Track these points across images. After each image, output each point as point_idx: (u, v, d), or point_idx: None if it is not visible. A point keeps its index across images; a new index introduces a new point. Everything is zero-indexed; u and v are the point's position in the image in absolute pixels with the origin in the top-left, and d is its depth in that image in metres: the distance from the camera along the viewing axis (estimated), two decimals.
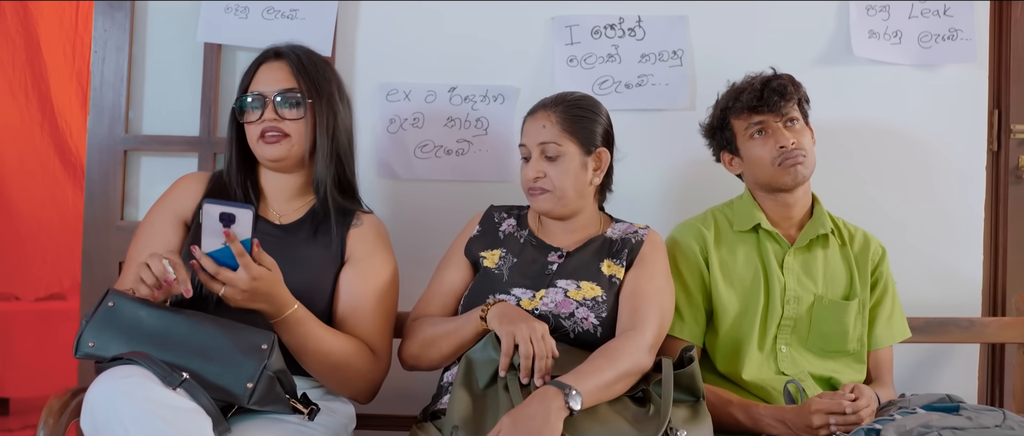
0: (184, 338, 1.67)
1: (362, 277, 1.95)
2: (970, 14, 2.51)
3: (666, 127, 2.47)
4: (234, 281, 1.71)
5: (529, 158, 2.02)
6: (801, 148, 2.08)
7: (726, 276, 2.12)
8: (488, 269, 2.00)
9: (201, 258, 1.71)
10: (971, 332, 2.37)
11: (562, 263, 2.00)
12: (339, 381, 1.89)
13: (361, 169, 2.41)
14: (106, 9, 2.45)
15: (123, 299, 1.71)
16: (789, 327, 2.11)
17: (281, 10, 2.43)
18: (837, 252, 2.17)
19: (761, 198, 2.16)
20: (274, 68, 1.96)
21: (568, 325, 1.91)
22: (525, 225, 2.08)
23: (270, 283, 1.74)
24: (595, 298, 1.94)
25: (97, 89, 2.46)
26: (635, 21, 2.47)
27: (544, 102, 2.05)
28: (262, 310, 1.77)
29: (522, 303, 1.92)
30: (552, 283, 1.96)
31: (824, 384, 2.10)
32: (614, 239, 2.05)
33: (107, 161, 2.45)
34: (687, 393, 1.86)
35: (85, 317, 1.69)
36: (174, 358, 1.64)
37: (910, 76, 2.51)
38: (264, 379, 1.66)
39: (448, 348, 1.90)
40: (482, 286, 1.98)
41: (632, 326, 1.89)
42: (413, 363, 1.98)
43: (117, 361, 1.63)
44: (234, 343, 1.68)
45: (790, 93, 2.10)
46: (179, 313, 1.72)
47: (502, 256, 2.02)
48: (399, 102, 2.46)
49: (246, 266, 1.71)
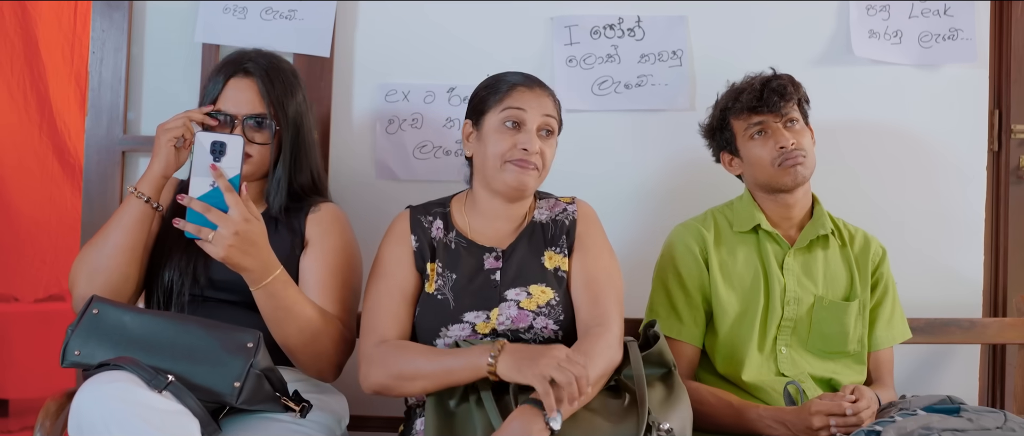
0: (169, 340, 1.67)
1: (321, 254, 1.95)
2: (970, 14, 2.51)
3: (665, 127, 2.47)
4: (225, 221, 1.68)
5: (519, 127, 1.89)
6: (801, 149, 2.07)
7: (726, 277, 2.11)
8: (430, 296, 1.88)
9: (190, 201, 1.69)
10: (972, 333, 2.37)
11: (503, 268, 1.90)
12: (314, 353, 1.85)
13: (360, 170, 2.44)
14: (104, 9, 2.44)
15: (107, 306, 1.72)
16: (789, 328, 2.10)
17: (279, 10, 2.42)
18: (837, 253, 2.16)
19: (761, 199, 2.15)
20: (243, 87, 1.96)
21: (528, 338, 1.86)
22: (451, 225, 1.95)
23: (260, 232, 1.73)
24: (549, 303, 1.87)
25: (95, 90, 2.45)
26: (634, 21, 2.47)
27: (532, 79, 1.96)
28: (250, 268, 1.73)
29: (478, 327, 1.85)
30: (502, 297, 1.87)
31: (824, 385, 2.10)
32: (544, 223, 1.95)
33: (105, 162, 2.44)
34: (657, 366, 1.84)
35: (70, 325, 1.70)
36: (160, 361, 1.64)
37: (910, 76, 2.51)
38: (251, 378, 1.66)
39: (433, 387, 1.75)
40: (431, 316, 1.87)
41: (596, 321, 1.83)
42: (382, 392, 1.81)
43: (103, 367, 1.63)
44: (219, 343, 1.68)
45: (790, 93, 2.09)
46: (164, 316, 1.73)
47: (439, 274, 1.90)
48: (398, 103, 2.46)
49: (235, 204, 1.69)
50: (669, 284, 2.13)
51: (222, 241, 1.69)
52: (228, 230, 1.68)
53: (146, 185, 1.86)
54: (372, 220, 2.41)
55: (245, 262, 1.72)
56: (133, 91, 2.46)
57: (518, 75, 1.97)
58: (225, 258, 1.70)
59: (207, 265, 1.91)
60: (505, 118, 1.89)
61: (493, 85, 1.96)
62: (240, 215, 1.69)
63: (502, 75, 1.99)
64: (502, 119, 1.90)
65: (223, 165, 1.71)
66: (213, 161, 1.71)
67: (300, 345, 1.83)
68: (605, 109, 2.45)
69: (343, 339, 1.91)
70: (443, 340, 1.86)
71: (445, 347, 1.84)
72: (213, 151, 1.71)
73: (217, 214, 1.69)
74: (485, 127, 1.92)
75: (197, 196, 1.70)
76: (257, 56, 2.01)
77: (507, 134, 1.89)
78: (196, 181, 1.71)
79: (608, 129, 2.44)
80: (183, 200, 1.70)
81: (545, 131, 1.92)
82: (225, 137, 1.72)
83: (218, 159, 1.71)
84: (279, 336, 1.82)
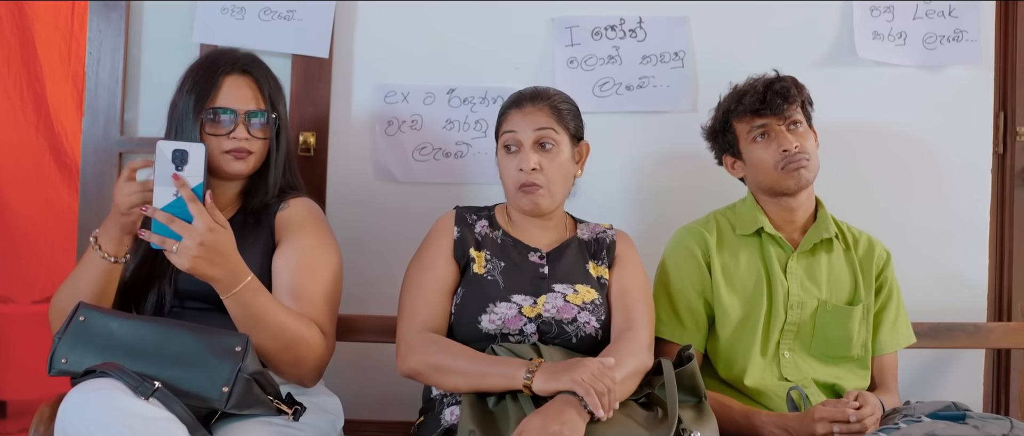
0: (156, 346, 1.65)
1: (293, 253, 1.90)
2: (975, 15, 2.49)
3: (667, 129, 2.45)
4: (189, 232, 1.65)
5: (518, 149, 1.96)
6: (804, 151, 2.05)
7: (728, 281, 2.09)
8: (479, 276, 1.94)
9: (153, 213, 1.66)
10: (977, 337, 2.35)
11: (551, 266, 1.98)
12: (291, 359, 1.81)
13: (358, 172, 2.42)
14: (101, 9, 2.42)
15: (94, 312, 1.69)
16: (792, 333, 2.08)
17: (278, 11, 2.40)
18: (841, 256, 2.14)
19: (764, 202, 2.14)
20: (241, 84, 1.94)
21: (571, 330, 1.91)
22: (497, 225, 2.04)
23: (227, 240, 1.69)
24: (594, 301, 1.94)
25: (92, 91, 2.43)
26: (636, 22, 2.45)
27: (524, 96, 2.00)
28: (218, 278, 1.70)
29: (524, 310, 1.90)
30: (549, 288, 1.94)
31: (827, 390, 2.08)
32: (587, 240, 2.05)
33: (102, 163, 2.42)
34: (689, 393, 1.86)
35: (57, 333, 1.68)
36: (147, 367, 1.62)
37: (914, 78, 2.49)
38: (240, 382, 1.64)
39: (465, 386, 1.80)
40: (478, 294, 1.92)
41: (628, 327, 1.92)
42: (415, 377, 1.90)
43: (90, 374, 1.61)
44: (207, 347, 1.65)
45: (793, 96, 2.07)
46: (151, 321, 1.70)
47: (487, 260, 1.97)
48: (397, 104, 2.44)
49: (198, 214, 1.65)
50: (671, 287, 2.11)
51: (186, 252, 1.66)
52: (193, 241, 1.65)
53: (108, 243, 1.78)
54: (371, 223, 2.42)
55: (212, 272, 1.69)
56: (130, 92, 2.44)
57: (512, 96, 2.03)
58: (191, 269, 1.67)
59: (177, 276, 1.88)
60: (504, 144, 1.99)
61: (501, 111, 2.04)
62: (204, 225, 1.66)
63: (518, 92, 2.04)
64: (503, 145, 1.99)
65: (185, 174, 1.66)
66: (175, 170, 1.66)
67: (275, 352, 1.79)
68: (606, 111, 2.43)
69: (321, 344, 1.86)
70: (489, 316, 1.89)
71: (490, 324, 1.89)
72: (174, 159, 1.67)
73: (181, 225, 1.65)
74: (498, 154, 2.02)
75: (160, 206, 1.66)
76: (244, 55, 2.00)
77: (510, 159, 1.97)
78: (159, 191, 1.67)
79: (609, 131, 2.42)
80: (147, 211, 1.67)
81: (542, 144, 1.95)
82: (186, 145, 1.68)
83: (180, 167, 1.67)
84: (254, 344, 1.78)
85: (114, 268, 1.80)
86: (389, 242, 2.38)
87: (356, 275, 2.24)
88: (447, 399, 1.90)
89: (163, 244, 1.66)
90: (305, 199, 2.02)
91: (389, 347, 2.21)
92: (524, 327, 1.89)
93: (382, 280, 2.31)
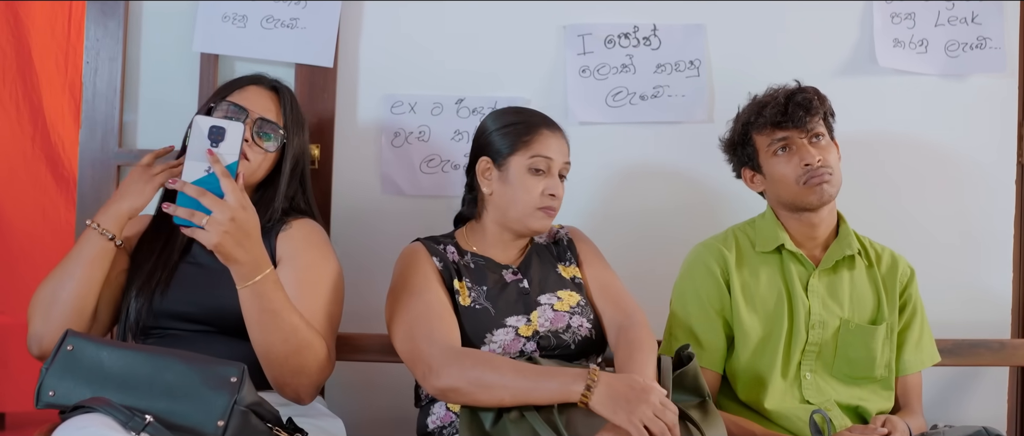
0: (148, 377, 1.58)
1: (293, 270, 1.84)
2: (999, 22, 2.45)
3: (683, 141, 2.40)
4: (221, 206, 1.58)
5: (546, 173, 1.95)
6: (827, 165, 1.99)
7: (748, 300, 2.03)
8: (468, 308, 1.89)
9: (183, 185, 1.59)
10: (1002, 355, 2.31)
11: (527, 279, 1.95)
12: (296, 367, 1.75)
13: (364, 186, 2.38)
14: (98, 17, 2.36)
15: (83, 341, 1.62)
16: (814, 353, 2.02)
17: (281, 19, 2.34)
18: (864, 274, 2.08)
19: (784, 217, 2.08)
20: (264, 95, 1.93)
21: (567, 337, 1.88)
22: (463, 250, 1.99)
23: (255, 223, 1.63)
24: (579, 304, 1.94)
25: (89, 101, 2.37)
26: (650, 30, 2.39)
27: (552, 123, 2.00)
28: (241, 262, 1.63)
29: (520, 331, 1.87)
30: (536, 302, 1.92)
31: (850, 413, 2.03)
32: (545, 245, 2.05)
33: (99, 176, 2.36)
34: (692, 393, 1.81)
35: (45, 363, 1.61)
36: (138, 400, 1.54)
37: (937, 87, 2.45)
38: (236, 415, 1.56)
39: (511, 401, 1.71)
40: (473, 326, 1.87)
41: (626, 316, 1.90)
42: (450, 395, 1.76)
43: (79, 410, 1.54)
44: (201, 378, 1.57)
45: (816, 107, 2.02)
46: (142, 350, 1.62)
47: (470, 288, 1.92)
48: (404, 115, 2.38)
49: (232, 190, 1.59)
50: (688, 307, 2.05)
51: (217, 227, 1.58)
52: (224, 215, 1.58)
53: (109, 221, 1.80)
54: (377, 238, 2.36)
55: (237, 253, 1.62)
56: (129, 102, 2.39)
57: (539, 116, 2.00)
58: (218, 245, 1.60)
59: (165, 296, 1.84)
60: (533, 164, 1.94)
61: (516, 125, 1.97)
62: (238, 201, 1.60)
63: (520, 113, 2.00)
64: (530, 165, 1.94)
65: (221, 151, 1.61)
66: (210, 146, 1.61)
67: (283, 356, 1.73)
68: (620, 121, 2.38)
69: (325, 357, 1.80)
70: (488, 346, 1.85)
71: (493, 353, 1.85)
72: (211, 136, 1.61)
73: (212, 199, 1.59)
74: (511, 170, 1.95)
75: (190, 181, 1.60)
76: (276, 79, 1.99)
77: (535, 180, 1.94)
78: (190, 165, 1.60)
79: (623, 142, 2.37)
80: (175, 184, 1.60)
81: (562, 175, 1.99)
82: (224, 122, 1.62)
83: (216, 144, 1.61)
84: (261, 345, 1.72)
85: (108, 252, 1.80)
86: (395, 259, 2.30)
87: (360, 293, 2.19)
88: (446, 430, 1.86)
89: (192, 218, 1.59)
90: (308, 220, 1.97)
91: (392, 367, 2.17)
92: (524, 347, 1.86)
93: None
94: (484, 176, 1.97)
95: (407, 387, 2.04)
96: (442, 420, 1.87)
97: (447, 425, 1.86)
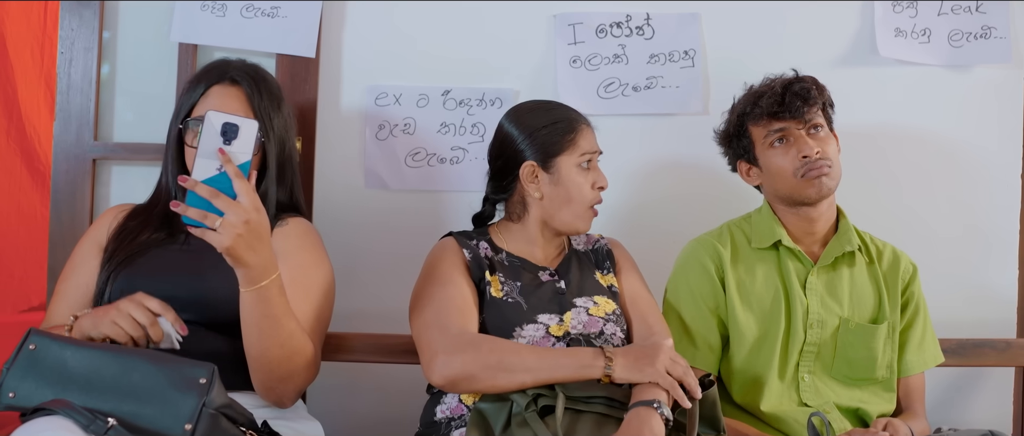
0: (113, 379, 1.51)
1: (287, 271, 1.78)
2: (1004, 10, 2.41)
3: (677, 133, 2.36)
4: (234, 208, 1.52)
5: (589, 167, 1.95)
6: (826, 158, 1.94)
7: (744, 298, 1.98)
8: (499, 300, 1.87)
9: (194, 185, 1.53)
10: (1007, 355, 2.26)
11: (564, 281, 1.93)
12: (287, 372, 1.70)
13: (347, 180, 2.33)
14: (73, 7, 2.30)
15: (46, 340, 1.56)
16: (812, 353, 1.97)
17: (261, 8, 2.28)
18: (864, 271, 2.03)
19: (782, 212, 2.03)
20: (228, 95, 1.86)
21: (599, 343, 1.85)
22: (498, 248, 1.97)
23: (266, 226, 1.58)
24: (614, 312, 1.92)
25: (63, 93, 2.31)
26: (643, 19, 2.35)
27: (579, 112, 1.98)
28: (251, 265, 1.58)
29: (551, 329, 1.85)
30: (571, 304, 1.90)
31: (850, 415, 1.99)
32: (584, 252, 2.04)
33: (75, 171, 2.30)
34: (707, 425, 1.78)
35: (5, 363, 1.55)
36: (102, 403, 1.48)
37: (939, 77, 2.41)
38: (205, 418, 1.49)
39: (532, 383, 1.72)
40: (502, 319, 1.85)
41: (651, 333, 1.90)
42: (459, 382, 1.74)
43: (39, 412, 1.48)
44: (168, 379, 1.51)
45: (814, 97, 1.96)
46: (108, 350, 1.56)
47: (503, 282, 1.90)
48: (389, 107, 2.33)
49: (245, 192, 1.53)
50: (682, 305, 2.01)
51: (231, 230, 1.52)
52: (238, 218, 1.52)
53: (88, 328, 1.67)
54: (360, 234, 2.34)
55: (248, 257, 1.56)
56: (105, 95, 2.34)
57: (571, 110, 1.97)
58: (229, 248, 1.54)
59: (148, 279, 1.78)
60: (581, 162, 1.94)
61: (558, 125, 1.94)
62: (251, 203, 1.54)
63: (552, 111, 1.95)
64: (579, 163, 1.93)
65: (233, 150, 1.55)
66: (222, 144, 1.55)
67: (275, 362, 1.68)
68: (612, 113, 2.34)
69: (313, 363, 1.77)
70: (518, 340, 1.83)
71: None
72: (224, 133, 1.55)
73: (226, 201, 1.52)
74: (561, 171, 1.93)
75: (201, 180, 1.54)
76: (241, 65, 1.91)
77: (585, 176, 1.94)
78: (201, 163, 1.54)
79: (615, 134, 2.31)
80: (186, 183, 1.53)
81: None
82: (238, 119, 1.56)
83: (229, 142, 1.55)
84: (257, 349, 1.67)
85: None
86: (380, 254, 2.31)
87: (345, 291, 2.14)
88: (455, 422, 1.82)
89: (204, 219, 1.52)
90: (303, 220, 1.94)
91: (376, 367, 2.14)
92: (553, 346, 1.82)
93: (372, 296, 2.26)
94: (531, 181, 1.93)
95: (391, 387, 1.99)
96: (453, 411, 1.83)
97: (457, 418, 1.82)
